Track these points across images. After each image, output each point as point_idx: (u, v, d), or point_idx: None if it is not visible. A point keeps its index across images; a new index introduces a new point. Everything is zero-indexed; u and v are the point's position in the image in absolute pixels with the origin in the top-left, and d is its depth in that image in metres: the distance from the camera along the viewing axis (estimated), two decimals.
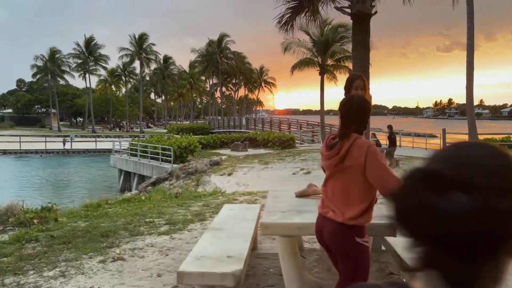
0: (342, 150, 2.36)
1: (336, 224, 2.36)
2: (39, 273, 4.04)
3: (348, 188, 2.38)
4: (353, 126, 2.40)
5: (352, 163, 2.34)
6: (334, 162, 2.40)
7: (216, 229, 3.81)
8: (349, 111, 2.45)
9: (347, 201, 2.37)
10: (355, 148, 2.35)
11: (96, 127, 71.08)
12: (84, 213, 7.28)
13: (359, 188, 2.36)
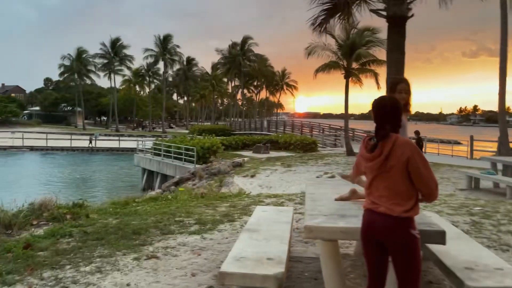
0: (384, 151, 2.41)
1: (391, 218, 2.39)
2: (75, 268, 4.09)
3: (395, 186, 2.41)
4: (388, 126, 2.45)
5: (396, 162, 2.39)
6: (378, 164, 2.43)
7: (252, 231, 3.79)
8: (382, 111, 2.51)
9: (397, 198, 2.40)
10: (398, 147, 2.40)
11: (120, 126, 72.28)
12: (113, 210, 7.37)
13: (407, 184, 2.41)
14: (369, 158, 2.50)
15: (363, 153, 2.58)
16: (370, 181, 2.54)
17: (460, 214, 6.77)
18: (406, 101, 3.36)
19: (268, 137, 30.01)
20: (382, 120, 2.48)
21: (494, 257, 3.21)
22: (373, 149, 2.49)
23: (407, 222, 2.40)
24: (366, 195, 2.59)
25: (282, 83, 79.82)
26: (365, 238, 2.53)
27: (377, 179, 2.48)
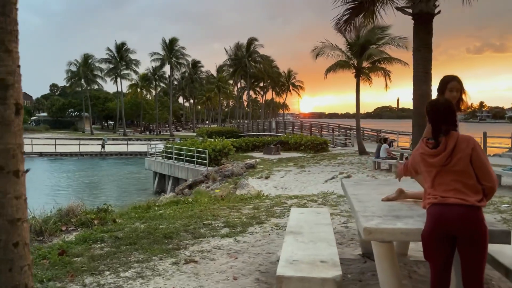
0: (448, 146, 2.51)
1: (464, 207, 2.42)
2: (115, 273, 4.07)
3: (464, 179, 2.48)
4: (443, 127, 2.56)
5: (462, 154, 2.48)
6: (443, 158, 2.51)
7: (295, 233, 3.75)
8: (437, 115, 2.63)
9: (466, 190, 2.46)
10: (461, 142, 2.52)
11: (127, 130, 72.54)
12: (137, 214, 7.36)
13: (474, 178, 2.49)
14: (433, 154, 2.56)
15: (426, 151, 2.62)
16: (433, 177, 2.58)
17: (488, 212, 6.69)
18: (457, 99, 3.29)
19: (278, 138, 29.95)
20: (437, 121, 2.60)
21: None
22: (436, 146, 2.57)
23: (480, 212, 2.43)
24: (428, 192, 2.60)
25: (288, 83, 79.77)
26: (434, 234, 2.50)
27: (442, 174, 2.53)
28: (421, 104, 5.41)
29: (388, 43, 20.36)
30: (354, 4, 6.28)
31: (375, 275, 3.90)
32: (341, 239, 5.26)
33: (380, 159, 15.25)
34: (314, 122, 38.68)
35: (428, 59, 5.80)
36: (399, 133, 29.35)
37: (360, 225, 2.75)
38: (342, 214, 6.88)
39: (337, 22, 6.50)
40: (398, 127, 45.04)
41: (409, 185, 4.04)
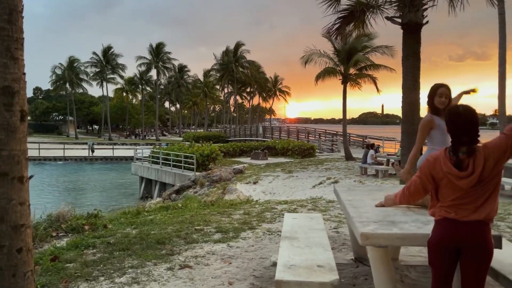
0: (476, 168, 2.32)
1: (479, 223, 2.36)
2: (110, 279, 4.07)
3: (488, 194, 2.38)
4: (465, 138, 2.37)
5: (494, 172, 2.35)
6: (472, 181, 2.34)
7: (290, 238, 3.80)
8: (457, 122, 2.41)
9: (483, 204, 2.37)
10: (490, 157, 2.33)
11: (112, 135, 71.87)
12: (127, 220, 7.33)
13: (496, 187, 2.41)
14: (460, 176, 2.36)
15: (452, 171, 2.38)
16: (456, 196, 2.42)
17: None
18: (446, 106, 3.40)
19: (265, 143, 30.06)
20: (457, 132, 2.39)
21: None
22: (457, 163, 2.38)
23: (489, 227, 2.41)
24: (441, 201, 2.49)
25: (275, 89, 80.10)
26: (442, 246, 2.45)
27: (467, 192, 2.39)
28: (410, 111, 5.58)
29: (375, 51, 20.67)
30: (345, 13, 6.42)
31: (367, 279, 3.99)
32: (333, 244, 5.33)
33: (367, 165, 15.44)
34: (301, 128, 38.88)
35: (416, 67, 5.96)
36: (384, 138, 29.73)
37: (357, 230, 2.82)
38: (332, 219, 6.96)
39: (328, 30, 6.64)
40: (383, 132, 45.64)
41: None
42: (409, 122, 5.61)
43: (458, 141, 2.39)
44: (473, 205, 2.36)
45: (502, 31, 13.07)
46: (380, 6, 6.31)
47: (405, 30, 5.98)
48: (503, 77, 13.00)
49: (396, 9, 6.12)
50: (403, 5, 6.04)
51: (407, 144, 5.26)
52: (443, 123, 3.42)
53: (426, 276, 4.08)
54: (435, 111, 3.43)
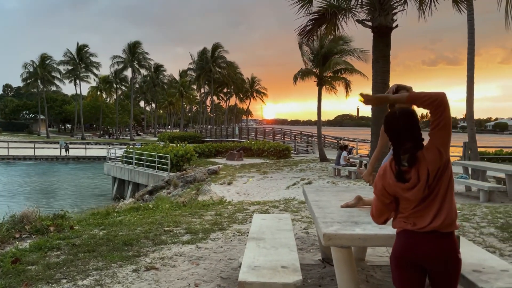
0: (421, 176, 2.12)
1: (442, 235, 2.12)
2: (72, 282, 3.96)
3: (441, 197, 2.14)
4: (408, 144, 2.14)
5: (440, 175, 2.13)
6: (419, 192, 2.13)
7: (257, 239, 3.79)
8: (395, 128, 2.19)
9: (443, 212, 2.13)
10: (429, 160, 2.12)
11: (85, 134, 70.43)
12: (96, 221, 7.18)
13: (449, 185, 2.16)
14: (405, 188, 2.16)
15: (397, 184, 2.18)
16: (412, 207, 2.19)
17: None
18: None
19: (241, 144, 30.02)
20: (398, 139, 2.16)
21: (496, 259, 3.35)
22: (401, 176, 2.16)
23: (452, 235, 2.16)
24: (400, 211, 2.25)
25: (252, 90, 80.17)
26: (402, 261, 2.20)
27: (423, 200, 2.16)
28: (380, 113, 5.67)
29: (350, 54, 20.94)
30: (317, 16, 6.47)
31: (334, 279, 4.00)
32: (302, 245, 5.35)
33: (340, 166, 15.61)
34: (276, 129, 39.03)
35: (386, 70, 6.06)
36: (358, 140, 30.17)
37: (320, 231, 2.83)
38: (303, 220, 6.99)
39: (300, 32, 6.68)
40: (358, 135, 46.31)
41: (367, 192, 4.19)
42: (378, 124, 5.68)
43: (400, 149, 2.16)
44: (431, 213, 2.13)
45: (470, 36, 13.43)
46: (352, 9, 6.39)
47: (375, 33, 6.08)
48: (471, 81, 13.35)
49: (367, 13, 6.24)
50: (374, 9, 6.14)
51: (376, 146, 5.34)
52: None
53: (391, 276, 4.14)
54: None
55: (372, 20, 6.10)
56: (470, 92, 13.39)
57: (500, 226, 6.23)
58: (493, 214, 7.17)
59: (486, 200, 9.08)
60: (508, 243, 5.36)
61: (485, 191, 9.21)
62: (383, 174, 2.27)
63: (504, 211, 7.48)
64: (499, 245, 5.30)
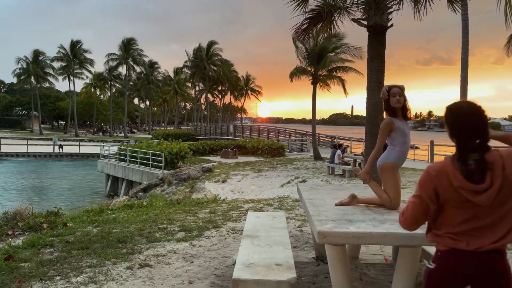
0: (495, 179, 1.84)
1: (497, 254, 1.89)
2: (66, 278, 3.95)
3: (505, 212, 1.89)
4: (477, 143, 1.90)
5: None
6: (491, 196, 1.84)
7: (252, 237, 3.80)
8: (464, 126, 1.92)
9: (504, 224, 1.89)
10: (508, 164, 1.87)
11: (79, 131, 70.03)
12: (89, 218, 7.16)
13: None
14: (476, 190, 1.85)
15: (464, 185, 1.86)
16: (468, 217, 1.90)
17: None
18: (402, 105, 3.47)
19: (236, 142, 30.00)
20: (465, 134, 1.91)
21: None
22: (471, 176, 1.86)
23: (505, 255, 1.92)
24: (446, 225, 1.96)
25: (246, 88, 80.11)
26: (446, 283, 1.93)
27: (482, 213, 1.89)
28: (375, 112, 5.67)
29: (344, 52, 20.97)
30: (313, 14, 6.48)
31: (327, 277, 4.02)
32: (296, 243, 5.37)
33: (334, 165, 15.66)
34: (271, 127, 39.02)
35: (381, 69, 6.06)
36: (352, 139, 30.26)
37: (315, 229, 2.83)
38: (297, 218, 7.02)
39: (296, 31, 6.69)
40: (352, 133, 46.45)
41: (361, 190, 4.21)
42: (373, 123, 5.70)
43: (467, 147, 1.90)
44: (490, 230, 1.87)
45: (465, 37, 13.53)
46: (347, 8, 6.41)
47: (370, 32, 6.09)
48: (465, 81, 13.46)
49: (362, 12, 6.25)
50: (369, 7, 6.15)
51: (371, 144, 5.37)
52: (402, 125, 3.50)
53: (384, 274, 4.17)
54: (392, 112, 3.49)
55: (367, 19, 6.10)
56: (464, 92, 13.49)
57: None
58: None
59: None
60: None
61: None
62: (437, 175, 1.93)
63: None
64: None
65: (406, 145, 3.52)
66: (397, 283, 3.00)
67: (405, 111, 3.51)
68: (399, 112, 3.51)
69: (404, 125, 3.47)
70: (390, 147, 3.53)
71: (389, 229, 2.77)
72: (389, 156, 3.47)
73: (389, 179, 3.42)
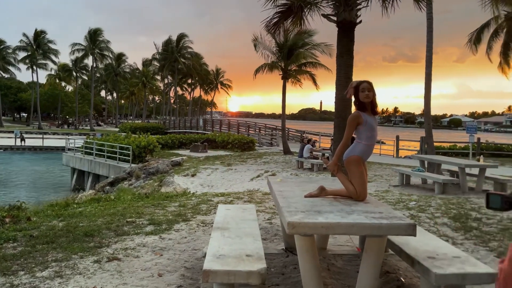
0: None
1: None
2: (30, 273, 3.85)
3: None
4: None
5: None
6: None
7: (222, 229, 3.81)
8: None
9: None
10: None
11: (43, 124, 67.77)
12: (55, 212, 6.98)
13: None
14: None
15: None
16: None
17: (398, 208, 7.28)
18: (371, 100, 3.56)
19: (205, 136, 29.84)
20: None
21: (449, 246, 3.54)
22: None
23: None
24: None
25: (216, 81, 79.62)
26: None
27: None
28: (343, 107, 5.82)
29: (314, 48, 21.19)
30: (283, 9, 6.52)
31: (296, 268, 4.10)
32: (266, 235, 5.43)
33: (303, 159, 15.85)
34: (241, 121, 39.04)
35: (349, 64, 6.20)
36: (321, 134, 30.69)
37: (285, 219, 2.88)
38: (267, 211, 7.08)
39: (267, 24, 6.71)
40: (321, 128, 47.10)
41: (329, 182, 4.30)
42: (341, 118, 5.83)
43: None
44: None
45: (429, 35, 13.92)
46: (317, 3, 6.49)
47: (340, 28, 6.20)
48: (429, 78, 13.87)
49: (332, 7, 6.35)
50: (339, 4, 6.26)
51: (339, 138, 5.48)
52: (370, 119, 3.59)
53: (351, 264, 4.28)
54: (361, 107, 3.58)
55: (337, 15, 6.22)
56: (428, 89, 13.90)
57: (453, 216, 6.55)
58: (446, 205, 7.52)
59: (440, 192, 9.50)
60: (460, 232, 5.66)
61: (439, 183, 9.63)
62: None
63: (456, 202, 7.87)
64: (452, 234, 5.58)
65: (372, 139, 3.61)
66: (364, 272, 3.09)
67: (373, 106, 3.60)
68: (367, 106, 3.60)
69: (372, 119, 3.56)
70: (357, 140, 3.61)
71: (356, 219, 2.85)
72: (355, 149, 3.56)
73: (355, 172, 3.51)
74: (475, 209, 7.14)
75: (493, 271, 2.96)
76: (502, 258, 1.38)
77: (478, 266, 3.02)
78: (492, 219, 6.43)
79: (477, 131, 19.06)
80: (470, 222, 6.20)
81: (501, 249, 4.87)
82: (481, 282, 2.97)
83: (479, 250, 4.88)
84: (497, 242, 5.13)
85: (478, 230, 5.71)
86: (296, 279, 3.75)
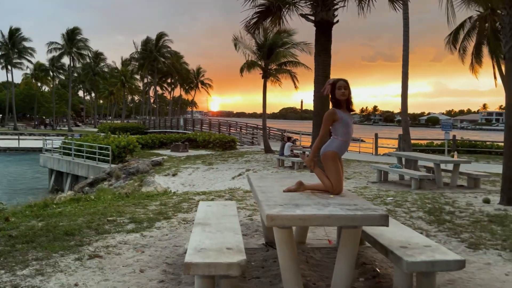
0: None
1: None
2: (11, 272, 3.84)
3: None
4: None
5: None
6: None
7: (203, 224, 3.89)
8: None
9: None
10: None
11: (18, 124, 66.29)
12: (33, 213, 6.92)
13: None
14: None
15: None
16: None
17: (376, 204, 7.47)
18: (347, 97, 3.68)
19: (186, 136, 29.75)
20: None
21: (421, 237, 3.70)
22: None
23: None
24: None
25: (197, 81, 79.25)
26: None
27: None
28: (321, 105, 5.94)
29: (294, 47, 21.39)
30: (262, 8, 6.62)
31: (276, 261, 4.20)
32: (246, 231, 5.52)
33: (284, 157, 16.02)
34: (222, 121, 39.05)
35: (327, 63, 6.35)
36: (302, 133, 30.97)
37: (264, 213, 2.98)
38: (248, 208, 7.18)
39: (247, 24, 6.80)
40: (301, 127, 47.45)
41: (308, 178, 4.42)
42: (319, 115, 5.95)
43: None
44: None
45: (406, 34, 14.23)
46: (296, 3, 6.60)
47: (317, 28, 6.33)
48: (406, 77, 14.18)
49: (310, 7, 6.47)
50: (316, 4, 6.39)
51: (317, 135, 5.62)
52: (345, 116, 3.72)
53: (329, 257, 4.41)
54: (337, 104, 3.70)
55: (314, 15, 6.35)
56: (405, 88, 14.21)
57: (427, 210, 6.78)
58: (422, 200, 7.76)
59: (417, 188, 9.76)
60: (434, 225, 5.87)
61: (416, 179, 9.90)
62: None
63: (431, 197, 8.12)
64: (426, 227, 5.79)
65: (348, 136, 3.73)
66: (340, 262, 3.21)
67: (349, 103, 3.73)
68: (343, 104, 3.72)
69: (347, 116, 3.68)
70: (333, 136, 3.73)
71: (332, 211, 2.97)
72: (331, 145, 3.68)
73: (331, 167, 3.62)
74: (449, 203, 7.39)
75: (461, 259, 3.12)
76: None
77: (447, 254, 3.18)
78: (464, 212, 6.69)
79: (452, 128, 19.57)
80: (444, 215, 6.43)
81: (472, 240, 5.08)
82: (450, 269, 3.13)
83: (451, 241, 5.08)
84: (468, 234, 5.35)
85: (451, 223, 5.93)
86: (276, 272, 3.85)
